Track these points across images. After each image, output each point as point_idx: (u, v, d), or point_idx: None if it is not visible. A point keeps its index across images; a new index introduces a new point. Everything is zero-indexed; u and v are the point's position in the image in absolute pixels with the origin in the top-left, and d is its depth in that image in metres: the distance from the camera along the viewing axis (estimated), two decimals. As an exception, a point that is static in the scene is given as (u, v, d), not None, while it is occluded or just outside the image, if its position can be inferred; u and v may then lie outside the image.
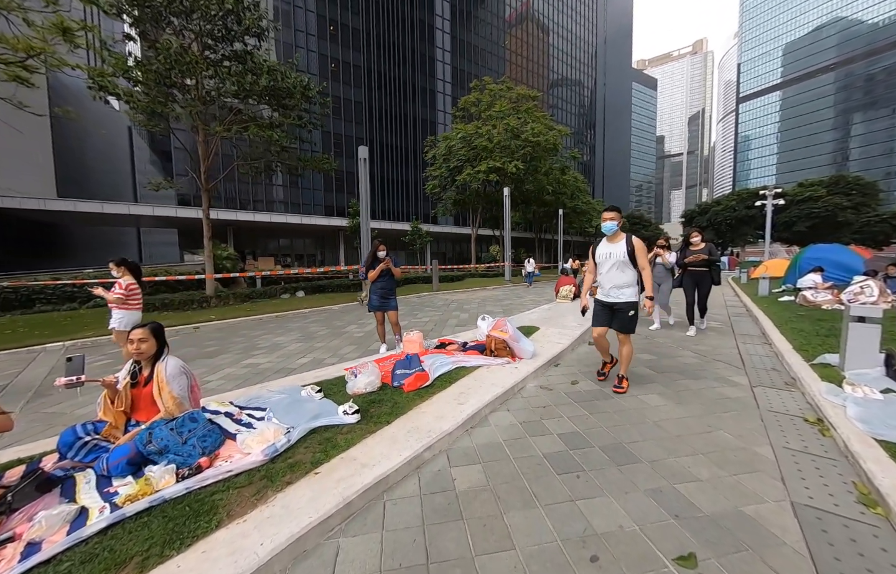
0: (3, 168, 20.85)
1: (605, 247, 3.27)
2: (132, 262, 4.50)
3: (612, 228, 3.19)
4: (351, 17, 37.23)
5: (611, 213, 3.19)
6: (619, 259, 3.18)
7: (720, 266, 5.50)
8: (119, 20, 9.84)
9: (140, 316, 4.37)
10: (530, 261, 17.15)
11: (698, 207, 56.06)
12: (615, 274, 3.22)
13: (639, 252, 3.14)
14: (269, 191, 35.42)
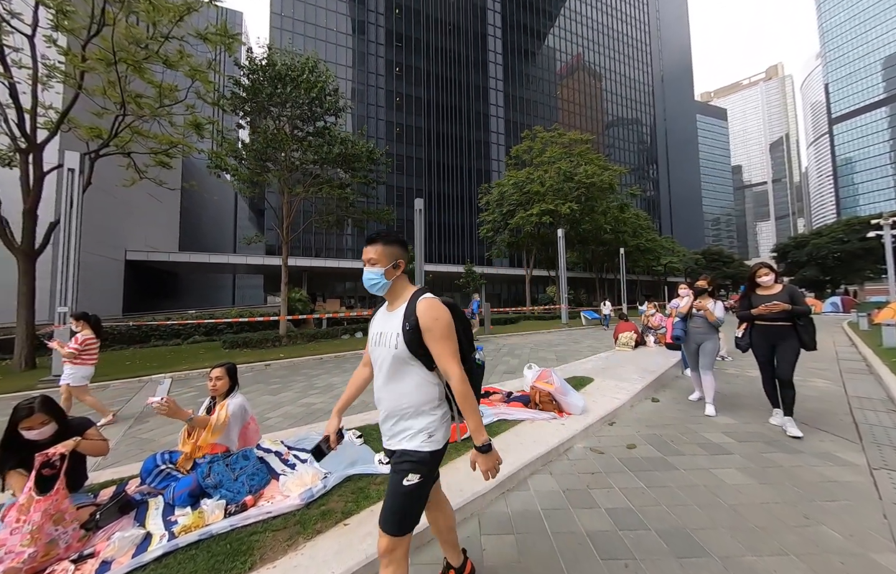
0: (144, 229, 26.92)
1: None
2: (93, 315, 4.48)
3: None
4: (414, 89, 42.15)
5: None
6: None
7: (811, 320, 3.33)
8: (234, 115, 12.52)
9: (92, 371, 4.35)
10: (606, 303, 16.86)
11: (794, 240, 47.85)
12: None
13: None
14: (339, 239, 39.69)
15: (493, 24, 48.36)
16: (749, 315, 3.55)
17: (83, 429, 2.12)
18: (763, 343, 3.55)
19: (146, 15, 8.08)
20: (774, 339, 3.45)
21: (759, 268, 3.63)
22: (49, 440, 1.94)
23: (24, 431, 1.89)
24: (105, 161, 9.78)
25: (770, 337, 3.48)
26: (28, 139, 8.31)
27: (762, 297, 3.53)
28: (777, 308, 3.30)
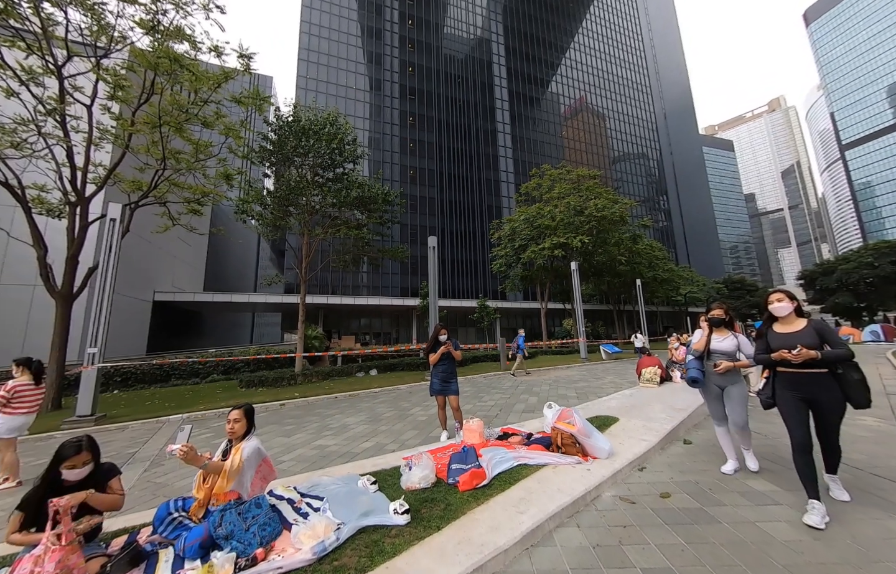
0: (172, 270, 28.37)
1: None
2: (36, 362, 4.26)
3: None
4: (427, 135, 44.70)
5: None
6: None
7: (857, 365, 2.47)
8: (261, 166, 13.50)
9: (27, 421, 4.07)
10: (638, 335, 16.17)
11: (821, 267, 45.79)
12: None
13: None
14: (355, 277, 40.65)
15: (499, 75, 51.62)
16: (767, 359, 2.65)
17: (110, 475, 2.13)
18: (791, 398, 2.55)
19: (189, 84, 9.06)
20: (807, 391, 2.51)
21: (772, 294, 2.76)
22: (81, 483, 1.96)
23: (66, 471, 1.93)
24: (141, 209, 10.59)
25: (801, 388, 2.53)
26: (78, 193, 9.15)
27: (781, 335, 2.65)
28: (801, 356, 2.42)
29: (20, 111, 8.75)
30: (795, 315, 2.70)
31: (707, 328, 3.45)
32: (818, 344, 2.51)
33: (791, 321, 2.70)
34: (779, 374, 2.68)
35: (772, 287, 52.71)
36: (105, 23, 8.33)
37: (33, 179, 9.51)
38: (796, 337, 2.58)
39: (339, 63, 42.08)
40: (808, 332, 2.57)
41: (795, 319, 2.69)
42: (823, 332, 2.56)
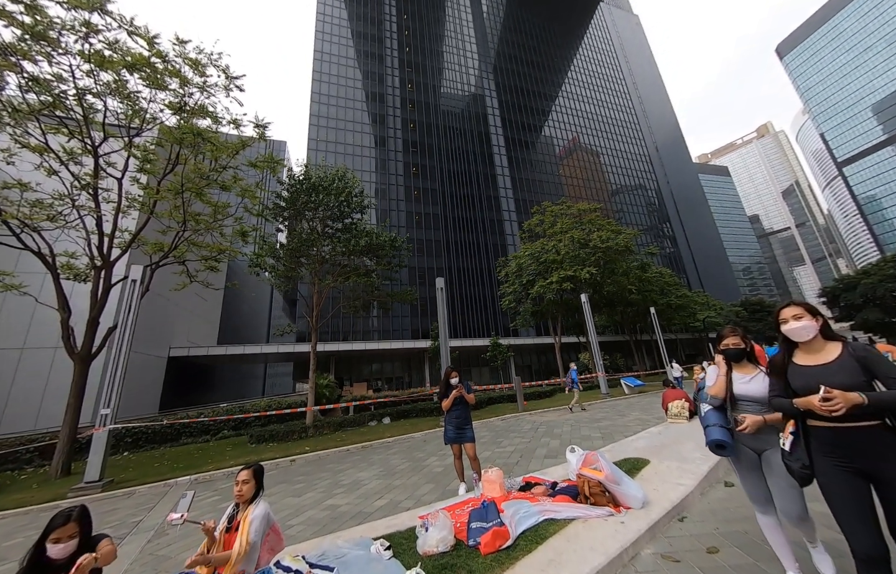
0: (188, 325, 28.96)
1: None
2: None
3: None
4: (430, 183, 46.87)
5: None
6: None
7: None
8: (275, 222, 14.17)
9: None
10: (674, 365, 15.02)
11: (841, 282, 44.21)
12: None
13: None
14: (365, 322, 40.80)
15: (494, 125, 54.90)
16: (788, 406, 1.87)
17: (100, 539, 2.01)
18: (837, 472, 1.72)
19: (210, 153, 9.83)
20: (862, 459, 1.66)
21: (783, 308, 1.99)
22: (67, 561, 1.83)
23: (51, 545, 1.81)
24: (160, 268, 11.06)
25: (850, 454, 1.69)
26: (104, 258, 9.66)
27: (805, 370, 1.86)
28: (835, 405, 1.63)
29: (58, 187, 9.54)
30: (823, 338, 1.88)
31: (724, 365, 2.41)
32: (864, 381, 1.69)
33: (818, 347, 1.88)
34: (813, 431, 1.81)
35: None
36: (139, 107, 9.27)
37: (64, 247, 10.14)
38: (827, 372, 1.76)
39: (347, 125, 45.45)
40: (845, 364, 1.76)
41: (825, 345, 1.87)
42: (870, 361, 1.72)
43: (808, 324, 1.88)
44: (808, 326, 1.88)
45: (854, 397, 1.62)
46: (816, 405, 1.68)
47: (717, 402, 2.43)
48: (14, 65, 7.92)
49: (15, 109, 8.28)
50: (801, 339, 1.91)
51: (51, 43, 8.04)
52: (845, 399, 1.62)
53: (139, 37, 8.69)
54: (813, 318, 1.90)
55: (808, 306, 1.93)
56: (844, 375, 1.74)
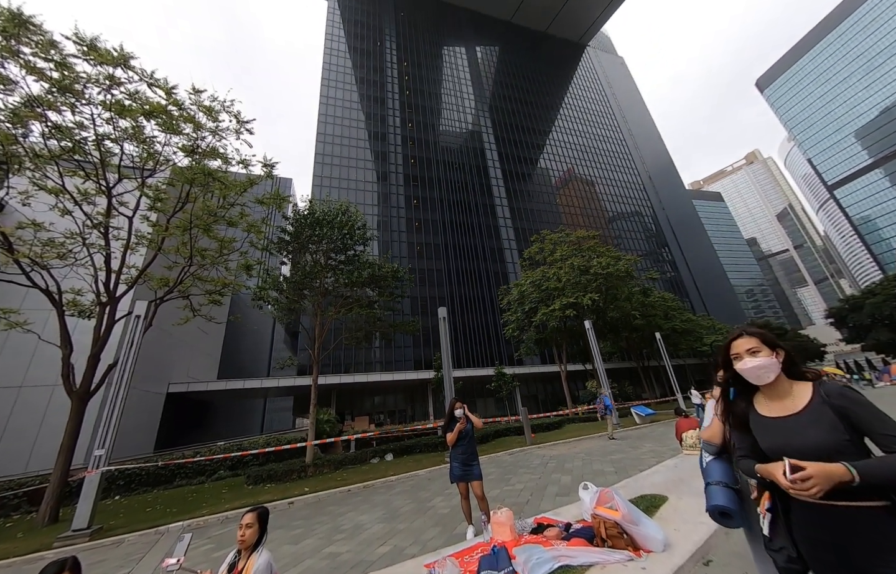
0: (189, 360, 28.65)
1: None
2: None
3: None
4: (430, 214, 48.00)
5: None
6: None
7: None
8: (279, 255, 14.40)
9: None
10: (694, 391, 14.08)
11: (847, 303, 43.84)
12: None
13: None
14: (367, 353, 40.31)
15: (491, 159, 56.99)
16: (753, 472, 1.41)
17: None
18: (825, 556, 1.23)
19: (219, 191, 10.17)
20: (850, 551, 1.18)
21: (736, 338, 1.51)
22: None
23: None
24: (163, 303, 11.10)
25: (838, 547, 1.20)
26: (110, 294, 9.74)
27: (767, 423, 1.41)
28: (812, 485, 1.15)
29: (70, 226, 9.80)
30: (787, 377, 1.42)
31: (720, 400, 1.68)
32: (846, 441, 1.22)
33: (783, 391, 1.41)
34: (793, 506, 1.30)
35: (800, 329, 49.60)
36: (153, 151, 9.70)
37: (70, 285, 10.26)
38: (795, 427, 1.32)
39: (350, 162, 47.29)
40: (818, 414, 1.30)
41: (791, 387, 1.41)
42: (852, 410, 1.24)
43: (765, 362, 1.39)
44: (767, 365, 1.39)
45: (836, 471, 1.12)
46: (784, 483, 1.19)
47: (712, 451, 1.97)
48: (40, 115, 8.39)
49: (36, 155, 8.67)
50: (758, 382, 1.43)
51: (76, 95, 8.55)
52: (823, 475, 1.12)
53: (158, 88, 9.24)
54: (772, 352, 1.42)
55: (765, 335, 1.47)
56: (819, 432, 1.26)
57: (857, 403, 1.26)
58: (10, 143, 8.24)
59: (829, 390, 1.33)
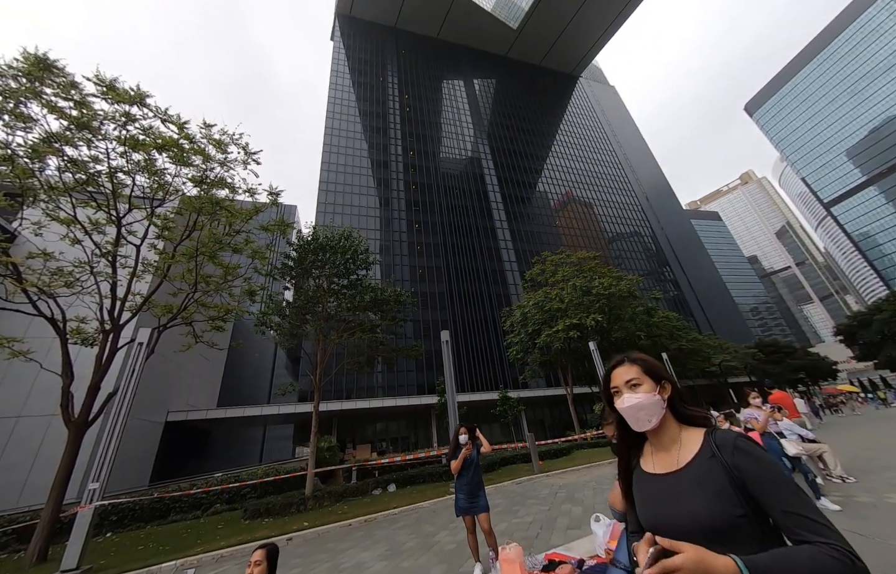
0: (189, 387, 28.30)
1: None
2: None
3: None
4: (432, 237, 48.64)
5: None
6: None
7: None
8: (282, 281, 14.50)
9: None
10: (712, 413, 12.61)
11: (855, 319, 43.23)
12: None
13: None
14: (370, 378, 39.76)
15: (491, 183, 58.36)
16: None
17: None
18: None
19: (225, 219, 10.38)
20: None
21: (616, 367, 1.22)
22: None
23: None
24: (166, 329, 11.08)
25: None
26: (114, 322, 9.76)
27: (646, 483, 1.12)
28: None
29: (78, 254, 9.95)
30: (676, 420, 1.12)
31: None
32: (739, 517, 0.90)
33: (668, 438, 1.11)
34: None
35: (809, 347, 48.82)
36: (164, 182, 9.99)
37: (75, 313, 10.30)
38: (675, 488, 1.02)
39: (353, 189, 48.50)
40: (703, 473, 0.99)
41: (679, 432, 1.11)
42: (749, 471, 0.92)
43: (644, 400, 1.08)
44: (645, 404, 1.08)
45: (716, 567, 0.78)
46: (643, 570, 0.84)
47: (619, 517, 1.51)
48: (57, 150, 8.72)
49: (51, 187, 8.94)
50: (637, 428, 1.12)
51: (93, 131, 8.91)
52: (695, 571, 0.78)
53: (171, 123, 9.63)
54: (656, 386, 1.11)
55: (650, 364, 1.16)
56: (700, 499, 0.94)
57: (756, 462, 0.90)
58: (26, 177, 8.52)
59: (721, 441, 0.98)
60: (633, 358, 1.20)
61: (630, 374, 1.15)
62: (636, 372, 1.14)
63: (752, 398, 6.07)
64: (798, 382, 47.14)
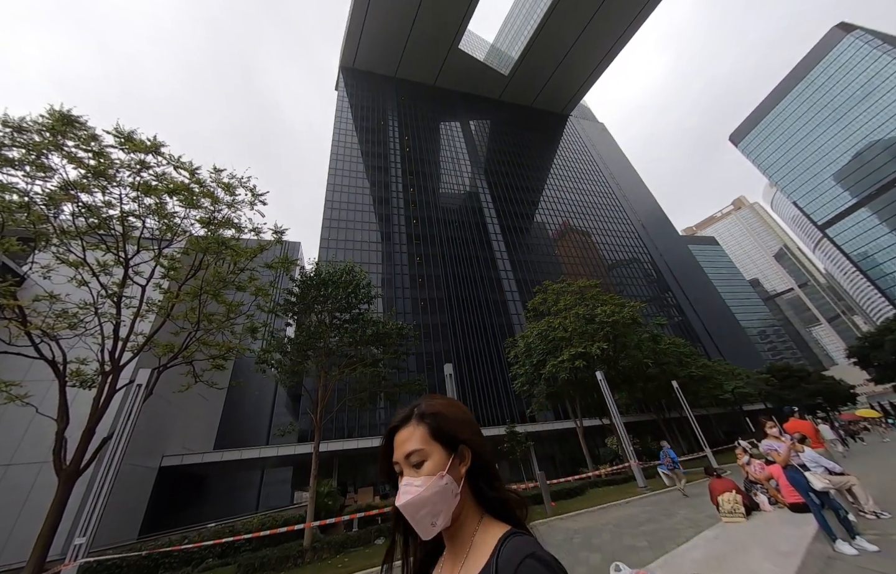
0: (186, 429, 27.43)
1: None
2: None
3: None
4: (433, 270, 49.16)
5: None
6: None
7: None
8: (284, 317, 14.50)
9: None
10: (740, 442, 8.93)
11: (866, 340, 42.32)
12: None
13: None
14: (372, 415, 38.60)
15: (490, 216, 59.90)
16: None
17: None
18: None
19: (231, 258, 10.56)
20: None
21: (397, 426, 0.88)
22: None
23: None
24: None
25: None
26: (114, 363, 9.67)
27: None
28: None
29: (84, 296, 10.03)
30: (478, 505, 0.85)
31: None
32: None
33: (463, 538, 0.81)
34: None
35: (823, 370, 47.75)
36: (173, 224, 10.28)
37: (76, 354, 10.23)
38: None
39: (356, 225, 49.80)
40: None
41: (475, 531, 0.81)
42: None
43: (427, 491, 0.77)
44: (429, 498, 0.77)
45: None
46: None
47: None
48: (73, 196, 9.06)
49: (63, 231, 9.20)
50: (423, 535, 0.79)
51: (108, 179, 9.31)
52: None
53: (184, 169, 10.06)
54: (448, 458, 0.81)
55: (442, 419, 0.84)
56: None
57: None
58: (41, 223, 8.80)
59: (504, 561, 0.73)
60: (421, 411, 0.84)
61: (412, 442, 0.78)
62: (421, 438, 0.78)
63: (769, 428, 5.81)
64: (817, 408, 45.44)
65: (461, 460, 0.80)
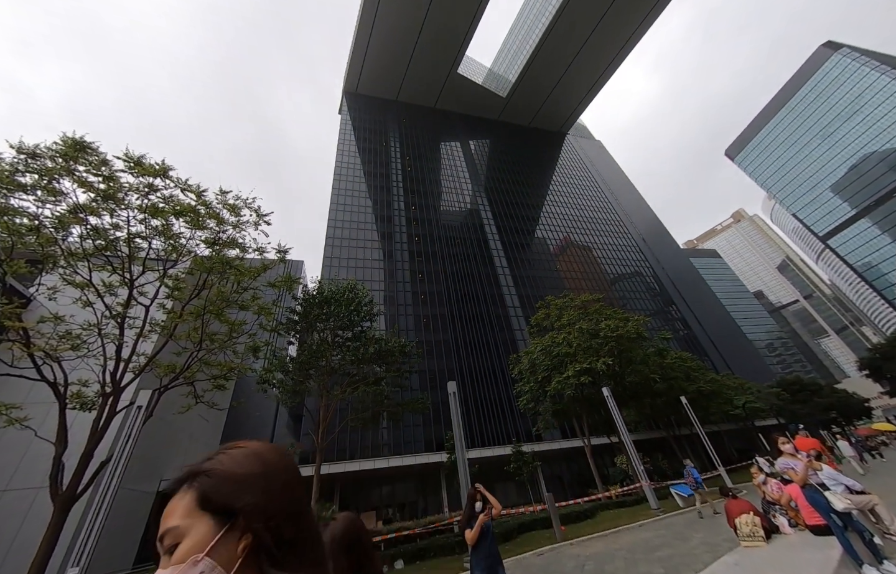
0: (187, 452, 26.92)
1: None
2: None
3: None
4: (435, 286, 49.26)
5: None
6: None
7: None
8: (287, 336, 14.47)
9: None
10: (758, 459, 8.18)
11: (878, 351, 41.48)
12: None
13: None
14: (375, 436, 37.82)
15: (491, 232, 60.44)
16: None
17: None
18: None
19: (234, 277, 10.63)
20: None
21: (167, 499, 0.64)
22: None
23: None
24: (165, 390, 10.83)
25: None
26: (115, 384, 9.60)
27: None
28: None
29: (88, 317, 10.06)
30: None
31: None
32: None
33: None
34: None
35: (835, 383, 46.76)
36: (179, 244, 10.41)
37: (77, 376, 10.18)
38: None
39: (358, 243, 50.37)
40: None
41: None
42: None
43: None
44: None
45: None
46: None
47: None
48: (82, 219, 9.23)
49: (71, 253, 9.33)
50: None
51: (117, 202, 9.50)
52: None
53: (191, 192, 10.26)
54: (217, 531, 0.60)
55: (221, 480, 0.66)
56: None
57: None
58: (49, 246, 8.93)
59: None
60: (193, 471, 0.66)
61: (172, 516, 0.61)
62: (184, 510, 0.60)
63: (782, 444, 5.62)
64: (831, 423, 44.17)
65: (242, 534, 0.59)
